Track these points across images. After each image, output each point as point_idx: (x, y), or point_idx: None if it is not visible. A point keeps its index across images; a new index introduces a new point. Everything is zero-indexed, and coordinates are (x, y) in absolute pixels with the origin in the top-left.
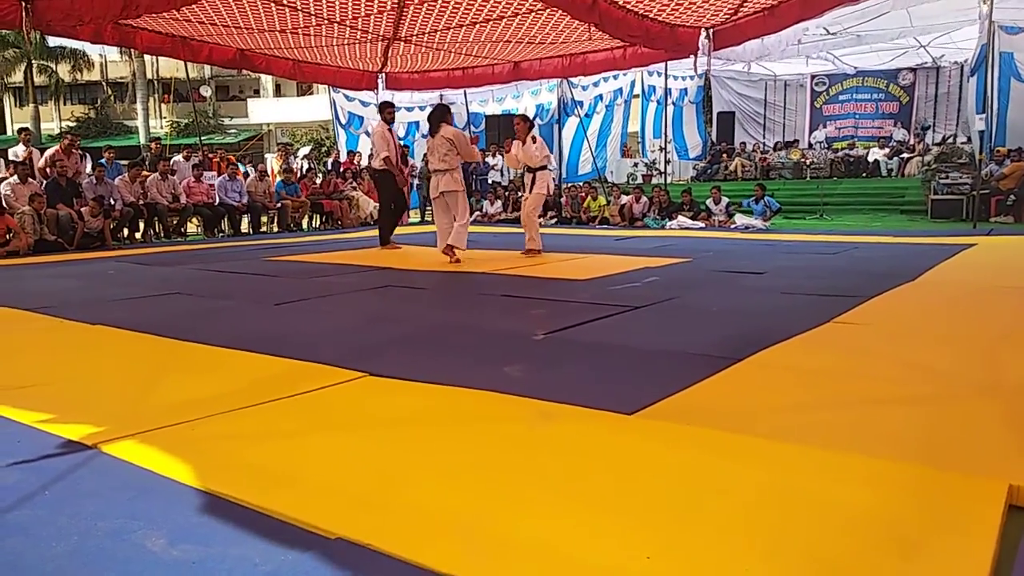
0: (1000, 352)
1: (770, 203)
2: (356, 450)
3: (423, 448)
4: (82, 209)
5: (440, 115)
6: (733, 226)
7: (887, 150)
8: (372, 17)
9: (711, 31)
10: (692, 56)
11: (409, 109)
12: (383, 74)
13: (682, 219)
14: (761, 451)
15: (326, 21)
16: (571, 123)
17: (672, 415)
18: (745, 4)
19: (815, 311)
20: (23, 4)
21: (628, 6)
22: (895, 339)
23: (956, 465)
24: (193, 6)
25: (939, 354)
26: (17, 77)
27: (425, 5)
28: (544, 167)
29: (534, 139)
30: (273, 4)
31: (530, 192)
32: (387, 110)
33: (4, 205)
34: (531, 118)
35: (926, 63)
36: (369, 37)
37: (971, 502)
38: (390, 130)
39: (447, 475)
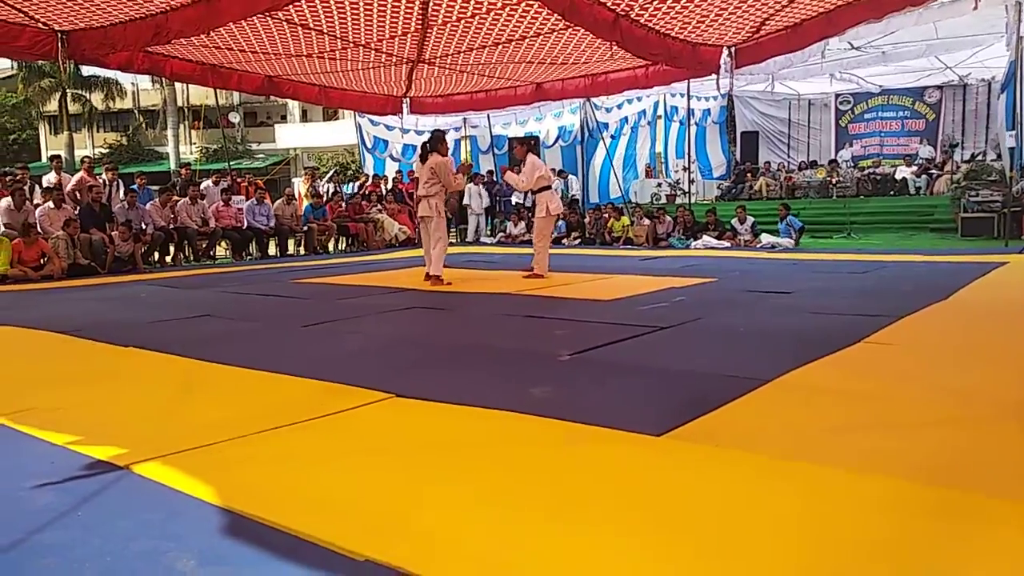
0: None
1: (792, 222)
2: (385, 472)
3: (451, 471)
4: (113, 233)
5: (433, 144)
6: (759, 245)
7: (914, 168)
8: (396, 39)
9: (733, 49)
10: (714, 74)
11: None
12: (407, 98)
13: (707, 239)
14: (791, 473)
15: (351, 44)
16: (600, 147)
17: (700, 437)
18: (768, 22)
19: (844, 331)
20: (58, 35)
21: (649, 24)
22: (927, 360)
23: (996, 490)
24: (222, 31)
25: (973, 375)
26: (52, 106)
27: (448, 26)
28: (546, 188)
29: (524, 163)
30: (300, 28)
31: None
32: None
33: (39, 230)
34: (529, 140)
35: (952, 81)
36: (394, 60)
37: (1013, 528)
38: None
39: (475, 498)
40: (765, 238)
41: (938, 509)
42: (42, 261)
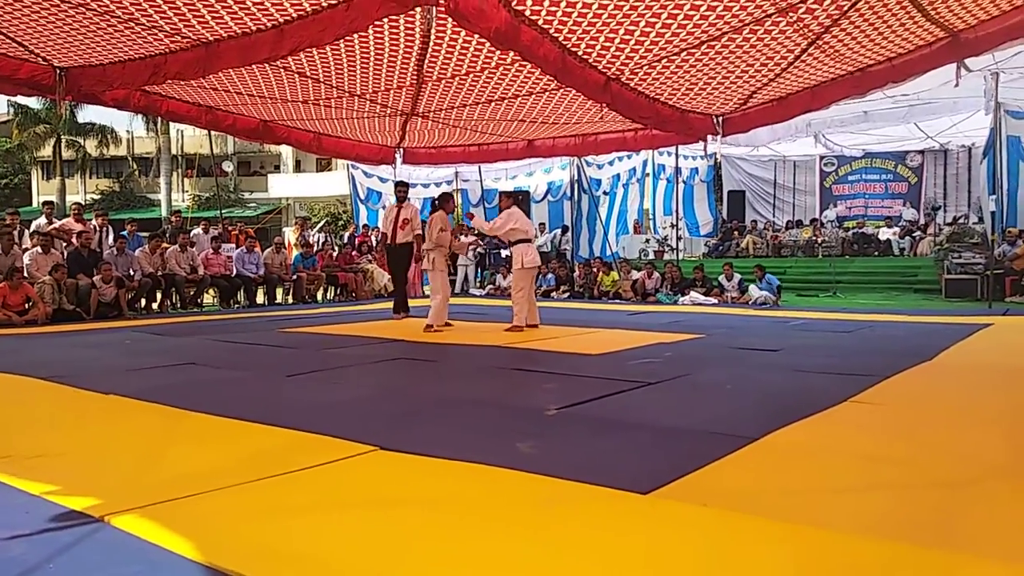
0: (1022, 434)
1: (771, 280)
2: (367, 527)
3: (434, 527)
4: (95, 278)
5: (440, 202)
6: (752, 301)
7: (896, 229)
8: (392, 92)
9: (721, 118)
10: (701, 140)
11: (425, 186)
12: (401, 148)
13: (694, 295)
14: (781, 535)
15: (347, 94)
16: (592, 203)
17: (687, 495)
18: (755, 95)
19: (831, 390)
20: (57, 71)
21: (639, 89)
22: (914, 420)
23: (988, 551)
24: (219, 74)
25: (959, 436)
26: (46, 151)
27: (443, 82)
28: (522, 240)
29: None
30: (297, 76)
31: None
32: (397, 189)
33: (26, 274)
34: (517, 195)
35: (934, 147)
36: (388, 111)
37: None
38: (397, 207)
39: (456, 559)
40: (753, 290)
41: (930, 571)
42: (27, 306)
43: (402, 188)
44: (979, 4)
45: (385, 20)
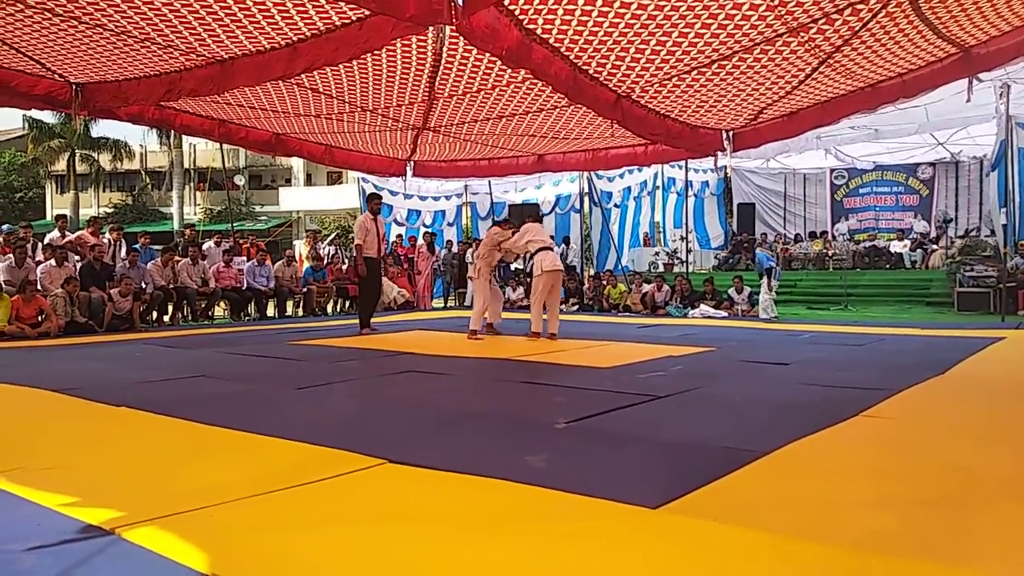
0: None
1: (762, 260)
2: (375, 543)
3: (441, 543)
4: (112, 291)
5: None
6: (764, 298)
7: (908, 242)
8: (403, 108)
9: (731, 133)
10: (711, 156)
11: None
12: (411, 161)
13: (704, 308)
14: (787, 551)
15: (359, 108)
16: (599, 215)
17: (697, 510)
18: (765, 111)
19: (842, 404)
20: (73, 87)
21: (650, 106)
22: (925, 435)
23: (1000, 571)
24: (233, 90)
25: (972, 452)
26: (60, 165)
27: (454, 98)
28: (544, 249)
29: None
30: (310, 91)
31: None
32: (372, 201)
33: (39, 287)
34: (536, 206)
35: (945, 158)
36: (400, 125)
37: None
38: (373, 219)
39: (465, 573)
40: (762, 300)
41: None
42: (40, 318)
43: (377, 201)
44: (990, 20)
45: (398, 39)
